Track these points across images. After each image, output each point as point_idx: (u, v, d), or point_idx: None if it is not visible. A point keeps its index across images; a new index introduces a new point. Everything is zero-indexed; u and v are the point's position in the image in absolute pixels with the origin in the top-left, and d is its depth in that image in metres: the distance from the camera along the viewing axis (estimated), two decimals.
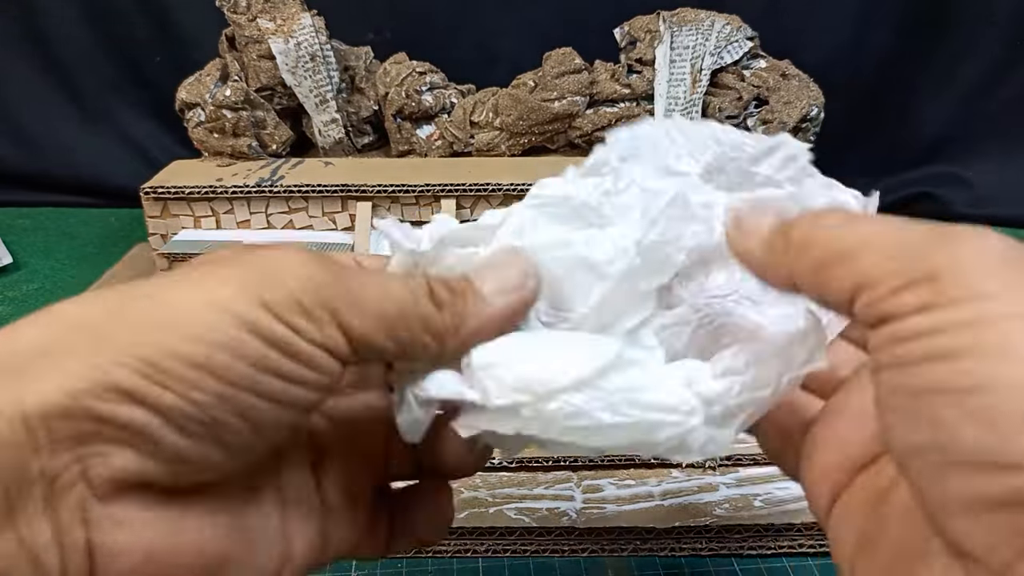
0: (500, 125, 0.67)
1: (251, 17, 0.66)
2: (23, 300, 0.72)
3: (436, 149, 0.68)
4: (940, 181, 0.91)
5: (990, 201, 0.90)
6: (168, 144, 0.90)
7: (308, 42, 0.65)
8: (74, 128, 0.92)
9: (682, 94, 0.66)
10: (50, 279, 0.77)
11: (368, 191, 0.59)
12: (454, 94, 0.70)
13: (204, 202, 0.60)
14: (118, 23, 0.86)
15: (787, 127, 0.64)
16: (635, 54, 0.68)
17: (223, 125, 0.63)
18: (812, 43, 0.83)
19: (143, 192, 0.59)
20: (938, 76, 0.87)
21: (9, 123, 0.91)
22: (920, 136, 0.91)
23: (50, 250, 0.83)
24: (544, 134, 0.68)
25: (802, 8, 0.83)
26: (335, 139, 0.69)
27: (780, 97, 0.65)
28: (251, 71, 0.66)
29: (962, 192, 0.91)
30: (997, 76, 0.86)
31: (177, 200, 0.59)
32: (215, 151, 0.65)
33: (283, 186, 0.59)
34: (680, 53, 0.66)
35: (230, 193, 0.59)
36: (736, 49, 0.67)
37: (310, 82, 0.66)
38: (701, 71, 0.66)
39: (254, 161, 0.64)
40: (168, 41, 0.87)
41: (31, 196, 0.94)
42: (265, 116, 0.66)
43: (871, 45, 0.85)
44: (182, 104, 0.64)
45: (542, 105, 0.66)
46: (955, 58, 0.86)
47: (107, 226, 0.89)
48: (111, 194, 0.92)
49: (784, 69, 0.67)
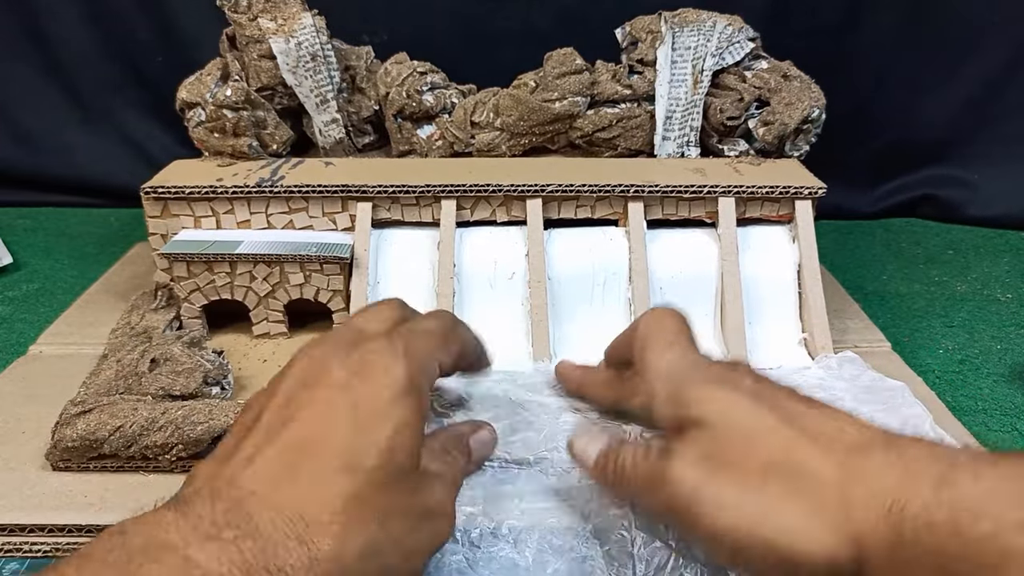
0: (501, 125, 0.67)
1: (252, 16, 0.66)
2: (23, 300, 0.72)
3: (437, 149, 0.68)
4: (943, 183, 0.91)
5: (993, 203, 0.90)
6: (168, 144, 0.90)
7: (309, 42, 0.65)
8: (74, 128, 0.92)
9: (683, 95, 0.66)
10: (50, 279, 0.77)
11: (369, 191, 0.59)
12: (455, 94, 0.69)
13: (204, 202, 0.59)
14: (118, 23, 0.86)
15: (788, 128, 0.64)
16: (636, 54, 0.68)
17: (223, 125, 0.63)
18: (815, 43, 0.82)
19: (143, 192, 0.59)
20: (941, 78, 0.87)
21: (9, 123, 0.91)
22: (923, 138, 0.90)
23: (50, 250, 0.83)
24: (545, 134, 0.68)
25: (805, 8, 0.83)
26: (336, 139, 0.69)
27: (781, 98, 0.64)
28: (252, 71, 0.66)
29: (965, 194, 0.91)
30: (1000, 78, 0.86)
31: (177, 200, 0.59)
32: (215, 151, 0.64)
33: (283, 186, 0.59)
34: (681, 54, 0.66)
35: (230, 193, 0.59)
36: (737, 50, 0.66)
37: (311, 82, 0.66)
38: (702, 72, 0.66)
39: (254, 161, 0.64)
40: (169, 41, 0.86)
41: (31, 196, 0.94)
42: (266, 116, 0.65)
43: (873, 45, 0.85)
44: (182, 104, 0.64)
45: (543, 105, 0.65)
46: (958, 59, 0.86)
47: (107, 226, 0.89)
48: (111, 194, 0.92)
49: (785, 70, 0.67)
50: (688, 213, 0.61)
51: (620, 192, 0.59)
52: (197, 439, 0.44)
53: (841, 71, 0.82)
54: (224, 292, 0.59)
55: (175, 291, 0.60)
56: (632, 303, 0.58)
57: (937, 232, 0.89)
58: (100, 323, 0.63)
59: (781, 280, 0.59)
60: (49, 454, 0.45)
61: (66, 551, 0.42)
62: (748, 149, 0.66)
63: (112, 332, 0.58)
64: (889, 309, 0.71)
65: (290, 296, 0.59)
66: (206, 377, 0.49)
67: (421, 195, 0.60)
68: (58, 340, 0.61)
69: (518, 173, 0.62)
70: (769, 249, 0.60)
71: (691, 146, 0.67)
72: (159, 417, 0.44)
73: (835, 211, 0.89)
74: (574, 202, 0.60)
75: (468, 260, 0.59)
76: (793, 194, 0.60)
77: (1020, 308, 0.72)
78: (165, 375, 0.49)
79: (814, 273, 0.59)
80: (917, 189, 0.92)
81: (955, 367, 0.62)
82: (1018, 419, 0.55)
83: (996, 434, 0.53)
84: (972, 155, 0.90)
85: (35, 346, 0.61)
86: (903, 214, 0.93)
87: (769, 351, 0.57)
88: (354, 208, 0.60)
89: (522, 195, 0.60)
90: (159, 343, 0.53)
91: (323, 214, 0.60)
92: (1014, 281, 0.77)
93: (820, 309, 0.58)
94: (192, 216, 0.60)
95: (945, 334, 0.67)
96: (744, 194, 0.60)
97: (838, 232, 0.88)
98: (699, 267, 0.59)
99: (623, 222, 0.61)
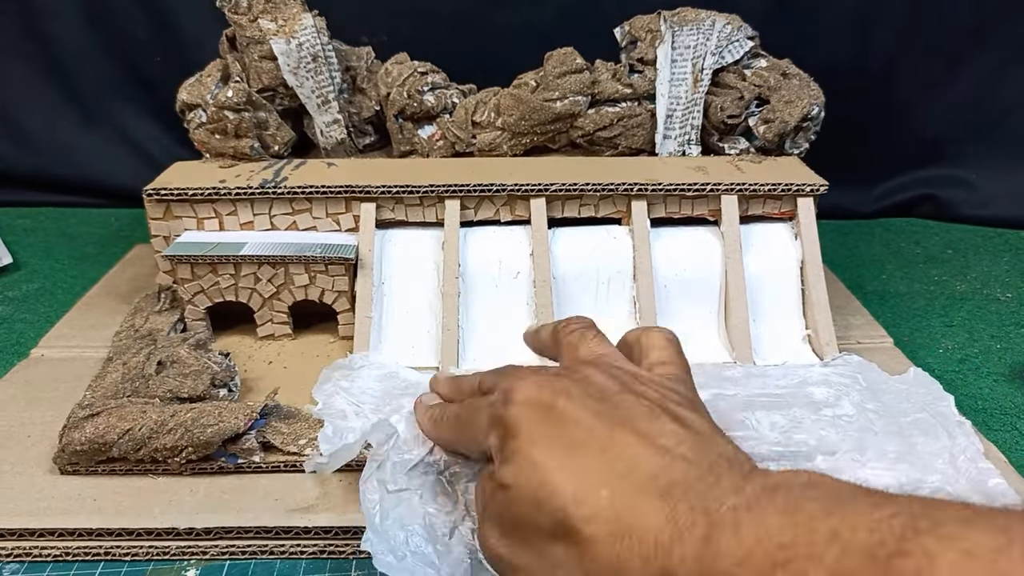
0: (502, 125, 0.67)
1: (252, 18, 0.66)
2: (23, 300, 0.72)
3: (438, 149, 0.68)
4: (942, 183, 0.92)
5: (993, 202, 0.90)
6: (168, 144, 0.90)
7: (310, 43, 0.65)
8: (74, 128, 0.92)
9: (683, 93, 0.66)
10: (50, 279, 0.76)
11: (372, 192, 0.59)
12: (455, 94, 0.69)
13: (207, 204, 0.59)
14: (118, 23, 0.86)
15: (788, 126, 0.64)
16: (636, 54, 0.68)
17: (225, 126, 0.63)
18: (814, 43, 0.83)
19: (146, 194, 0.59)
20: (942, 77, 0.87)
21: (9, 123, 0.91)
22: (922, 137, 0.91)
23: (50, 250, 0.83)
24: (546, 134, 0.68)
25: (805, 7, 0.83)
26: (337, 140, 0.69)
27: (781, 96, 0.65)
28: (252, 72, 0.66)
29: (965, 194, 0.91)
30: (999, 78, 0.87)
31: (180, 202, 0.59)
32: (217, 152, 0.64)
33: (287, 187, 0.59)
34: (681, 53, 0.66)
35: (234, 195, 0.59)
36: (737, 48, 0.67)
37: (312, 83, 0.66)
38: (702, 70, 0.66)
39: (256, 162, 0.64)
40: (168, 41, 0.86)
41: (31, 196, 0.94)
42: (267, 117, 0.65)
43: (873, 45, 0.85)
44: (183, 105, 0.64)
45: (544, 105, 0.66)
46: (957, 58, 0.86)
47: (107, 226, 0.89)
48: (111, 194, 0.92)
49: (785, 68, 0.67)
50: (691, 211, 0.61)
51: (624, 191, 0.59)
52: (207, 441, 0.44)
53: (840, 70, 0.83)
54: (228, 294, 0.59)
55: (178, 293, 0.60)
56: (637, 301, 0.58)
57: (937, 231, 0.90)
58: (102, 325, 0.63)
59: (784, 277, 0.60)
60: (57, 458, 0.45)
61: (76, 555, 0.42)
62: (748, 147, 0.67)
63: (116, 335, 0.58)
64: (889, 308, 0.71)
65: (295, 297, 0.59)
66: (214, 379, 0.49)
67: (425, 195, 0.60)
68: (60, 343, 0.61)
69: (521, 173, 0.62)
70: (772, 246, 0.60)
71: (692, 144, 0.67)
72: (168, 420, 0.44)
73: (835, 211, 0.90)
74: (578, 201, 0.60)
75: (473, 260, 0.59)
76: (795, 191, 0.60)
77: (1020, 307, 0.72)
78: (172, 377, 0.49)
79: (817, 270, 0.59)
80: (917, 189, 0.93)
81: (955, 366, 0.62)
82: (1018, 418, 0.56)
83: (996, 433, 0.54)
84: (971, 155, 0.91)
85: (37, 349, 0.61)
86: (903, 214, 0.94)
87: (773, 348, 0.57)
88: (358, 209, 0.60)
89: (526, 194, 0.60)
90: (165, 345, 0.53)
91: (327, 215, 0.60)
92: (1013, 280, 0.77)
93: (824, 305, 0.58)
94: (195, 218, 0.60)
95: (945, 333, 0.67)
96: (746, 192, 0.60)
97: (838, 232, 0.89)
98: (703, 265, 0.59)
99: (626, 221, 0.61)
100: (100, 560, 0.42)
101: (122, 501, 0.44)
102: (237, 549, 0.42)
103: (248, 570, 0.42)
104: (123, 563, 0.42)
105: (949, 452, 0.46)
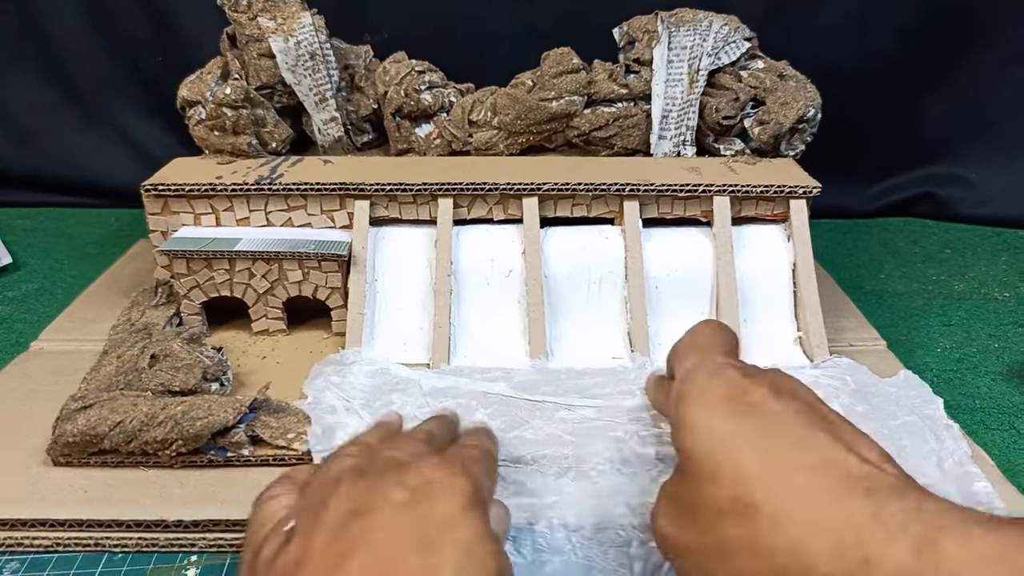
0: (498, 124, 0.67)
1: (252, 16, 0.66)
2: (23, 300, 0.73)
3: (435, 148, 0.69)
4: (940, 181, 0.92)
5: (991, 201, 0.90)
6: (169, 144, 0.90)
7: (308, 41, 0.65)
8: (74, 128, 0.92)
9: (679, 94, 0.66)
10: (50, 279, 0.77)
11: (367, 189, 0.59)
12: (453, 93, 0.70)
13: (204, 199, 0.60)
14: (118, 23, 0.87)
15: (784, 128, 0.64)
16: (633, 54, 0.68)
17: (223, 123, 0.63)
18: (813, 43, 0.83)
19: (143, 189, 0.59)
20: (939, 76, 0.87)
21: (9, 123, 0.92)
22: (922, 136, 0.91)
23: (50, 250, 0.83)
24: (542, 133, 0.68)
25: (803, 8, 0.84)
26: (334, 137, 0.69)
27: (777, 98, 0.65)
28: (251, 69, 0.67)
29: (963, 193, 0.91)
30: (998, 77, 0.87)
31: (177, 197, 0.60)
32: (215, 149, 0.65)
33: (282, 184, 0.59)
34: (678, 53, 0.66)
35: (230, 190, 0.59)
36: (734, 50, 0.67)
37: (310, 80, 0.67)
38: (698, 71, 0.66)
39: (254, 159, 0.65)
40: (169, 40, 0.87)
41: (31, 196, 0.94)
42: (265, 114, 0.66)
43: (873, 45, 0.85)
44: (183, 102, 0.64)
45: (540, 104, 0.66)
46: (956, 57, 0.86)
47: (107, 226, 0.90)
48: (111, 194, 0.93)
49: (781, 70, 0.67)
50: (684, 212, 0.61)
51: (616, 191, 0.60)
52: (196, 434, 0.44)
53: (839, 70, 0.83)
54: (223, 289, 0.59)
55: (175, 287, 0.60)
56: (628, 301, 0.58)
57: (935, 231, 0.90)
58: (102, 319, 0.63)
59: (776, 279, 0.60)
60: (50, 449, 0.46)
61: (67, 545, 0.42)
62: (744, 148, 0.67)
63: (112, 328, 0.59)
64: (887, 308, 0.71)
65: (289, 293, 0.59)
66: (205, 373, 0.50)
67: (419, 193, 0.60)
68: (60, 336, 0.62)
69: (515, 172, 0.62)
70: (764, 248, 0.60)
71: (687, 145, 0.68)
72: (159, 413, 0.45)
73: (833, 210, 0.90)
74: (570, 200, 0.61)
75: (465, 258, 0.59)
76: (788, 193, 0.60)
77: (1018, 306, 0.72)
78: (165, 371, 0.49)
79: (809, 272, 0.59)
80: (914, 188, 0.93)
81: (953, 366, 0.62)
82: (1016, 417, 0.56)
83: (993, 432, 0.54)
84: (969, 154, 0.91)
85: (36, 342, 0.61)
86: (900, 213, 0.94)
87: (764, 349, 0.57)
88: (352, 206, 0.60)
89: (519, 193, 0.60)
90: (159, 339, 0.53)
91: (321, 212, 0.60)
92: (1011, 280, 0.77)
93: (815, 308, 0.58)
94: (192, 213, 0.60)
95: (943, 333, 0.67)
96: (739, 193, 0.60)
97: (836, 231, 0.89)
98: (694, 266, 0.60)
99: (619, 221, 0.61)
100: (93, 552, 0.43)
101: (113, 493, 0.44)
102: (225, 542, 0.43)
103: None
104: (124, 561, 0.42)
105: (937, 455, 0.46)
